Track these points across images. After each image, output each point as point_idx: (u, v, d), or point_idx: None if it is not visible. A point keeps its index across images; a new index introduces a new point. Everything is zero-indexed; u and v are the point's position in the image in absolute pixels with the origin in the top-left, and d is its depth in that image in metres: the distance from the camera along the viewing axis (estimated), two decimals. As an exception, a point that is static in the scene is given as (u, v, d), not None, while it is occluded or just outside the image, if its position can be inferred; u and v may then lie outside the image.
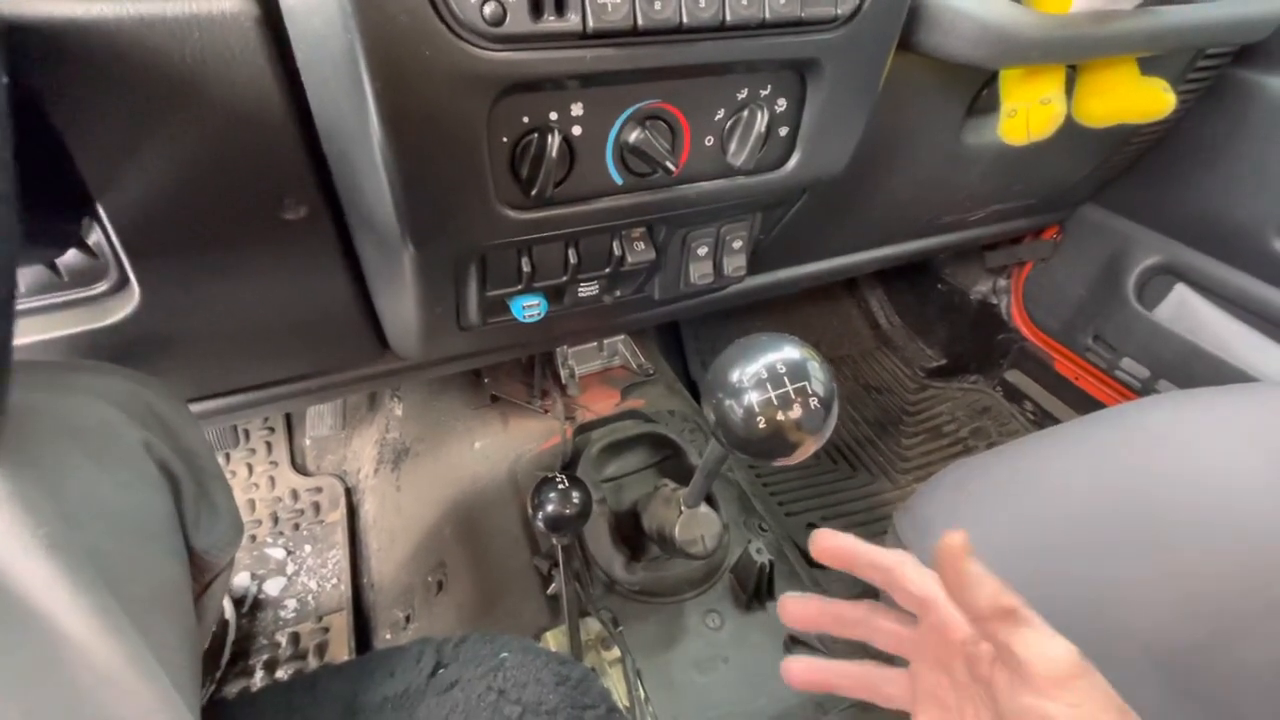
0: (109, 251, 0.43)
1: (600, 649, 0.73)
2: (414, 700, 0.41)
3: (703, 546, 0.66)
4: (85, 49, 0.33)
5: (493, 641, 0.44)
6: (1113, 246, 1.03)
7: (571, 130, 0.42)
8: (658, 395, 1.08)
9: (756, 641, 0.76)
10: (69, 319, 0.46)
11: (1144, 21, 0.55)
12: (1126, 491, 0.51)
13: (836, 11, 0.42)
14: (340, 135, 0.39)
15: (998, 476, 0.59)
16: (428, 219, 0.42)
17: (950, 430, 1.25)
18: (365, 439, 1.10)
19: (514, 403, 1.05)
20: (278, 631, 0.87)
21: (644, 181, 0.47)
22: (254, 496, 1.02)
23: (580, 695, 0.41)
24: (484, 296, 0.53)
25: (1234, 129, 0.82)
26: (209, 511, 0.43)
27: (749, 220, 0.60)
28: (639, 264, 0.55)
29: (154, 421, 0.40)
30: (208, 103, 0.37)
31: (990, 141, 0.71)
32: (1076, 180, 0.94)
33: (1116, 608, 0.46)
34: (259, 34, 0.36)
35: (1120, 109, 0.61)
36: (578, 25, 0.36)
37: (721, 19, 0.39)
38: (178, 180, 0.40)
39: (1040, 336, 1.20)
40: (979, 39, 0.50)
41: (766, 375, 0.36)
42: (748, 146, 0.47)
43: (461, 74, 0.35)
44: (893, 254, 0.95)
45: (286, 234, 0.46)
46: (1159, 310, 0.99)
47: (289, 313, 0.55)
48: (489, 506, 0.91)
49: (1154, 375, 1.01)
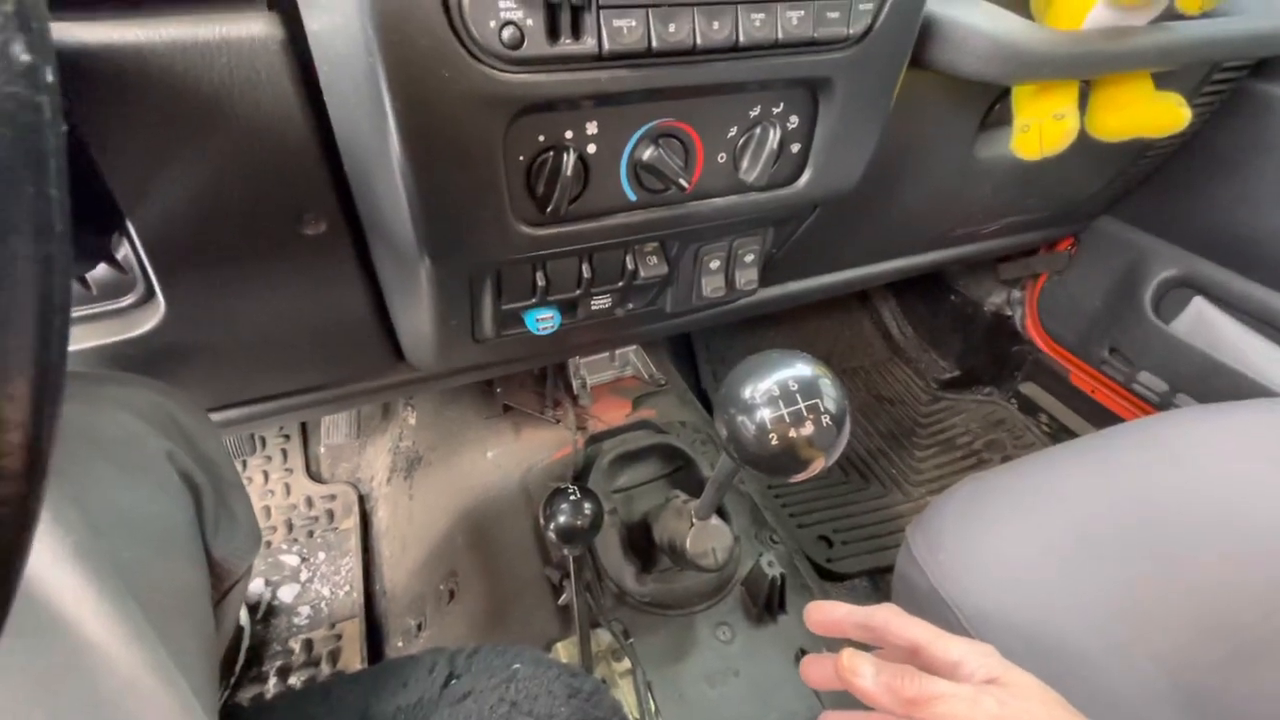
0: (136, 266, 0.44)
1: (611, 660, 0.73)
2: (427, 711, 0.41)
3: (714, 559, 0.65)
4: (119, 73, 0.34)
5: (505, 653, 0.44)
6: (1129, 259, 1.03)
7: (586, 148, 0.42)
8: (669, 406, 1.08)
9: (768, 655, 0.75)
10: (97, 331, 0.47)
11: (1157, 37, 0.55)
12: (1144, 508, 0.50)
13: (849, 31, 0.43)
14: (360, 153, 0.40)
15: (1013, 491, 0.58)
16: (445, 235, 0.42)
17: (964, 443, 1.24)
18: (379, 447, 1.11)
19: (526, 412, 1.05)
20: (291, 638, 0.87)
21: (657, 198, 0.47)
22: (269, 503, 1.04)
23: (592, 708, 0.42)
24: (499, 309, 0.54)
25: (1252, 141, 0.82)
26: (228, 520, 0.44)
27: (761, 235, 0.60)
28: (651, 278, 0.55)
29: (176, 431, 0.41)
30: (234, 123, 0.38)
31: (1003, 155, 0.71)
32: (1091, 193, 0.93)
33: (1133, 626, 0.45)
34: (284, 56, 0.37)
35: (1134, 124, 0.61)
36: (594, 48, 0.36)
37: (735, 40, 0.39)
38: (203, 197, 0.41)
39: (1055, 349, 1.19)
40: (991, 56, 0.50)
41: (779, 392, 0.36)
42: (760, 163, 0.47)
43: (480, 95, 0.36)
44: (905, 266, 0.95)
45: (306, 249, 0.47)
46: (1176, 323, 0.98)
47: (307, 325, 0.56)
48: (501, 516, 0.92)
49: (1172, 389, 1.00)
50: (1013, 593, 0.49)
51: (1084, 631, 0.46)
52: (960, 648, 0.36)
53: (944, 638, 0.37)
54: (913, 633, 0.38)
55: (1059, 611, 0.47)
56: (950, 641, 0.36)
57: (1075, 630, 0.46)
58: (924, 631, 0.37)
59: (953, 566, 0.52)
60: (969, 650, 0.35)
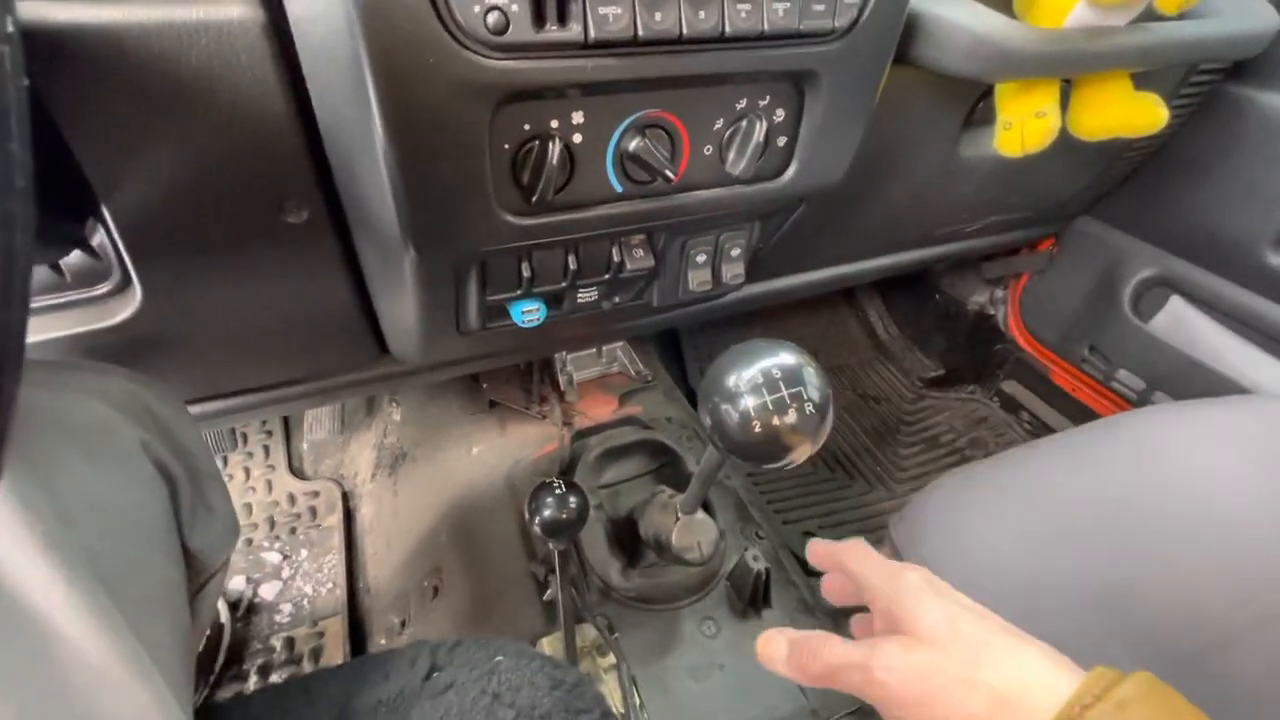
0: (112, 253, 0.44)
1: (596, 655, 0.73)
2: (408, 703, 0.41)
3: (699, 553, 0.66)
4: (93, 54, 0.33)
5: (487, 645, 0.44)
6: (1108, 259, 1.04)
7: (572, 138, 0.42)
8: (656, 402, 1.08)
9: (752, 649, 0.75)
10: (71, 319, 0.46)
11: (1137, 37, 0.56)
12: (1120, 501, 0.51)
13: (834, 24, 0.43)
14: (343, 140, 0.40)
15: (992, 485, 0.59)
16: (429, 223, 0.42)
17: (948, 440, 1.25)
18: (363, 443, 1.10)
19: (512, 408, 1.05)
20: (273, 636, 0.86)
21: (643, 189, 0.47)
22: (251, 500, 1.02)
23: (575, 700, 0.41)
24: (484, 301, 0.53)
25: (1227, 144, 0.83)
26: (205, 512, 0.43)
27: (747, 229, 0.60)
28: (638, 271, 0.55)
29: (151, 421, 0.40)
30: (213, 107, 0.37)
31: (987, 154, 0.71)
32: (1072, 193, 0.95)
33: (1110, 614, 0.46)
34: (265, 41, 0.36)
35: (1114, 123, 0.62)
36: (579, 35, 0.36)
37: (721, 30, 0.39)
38: (181, 183, 0.40)
39: (1037, 347, 1.21)
40: (973, 53, 0.50)
41: (762, 380, 0.36)
42: (746, 156, 0.47)
43: (464, 81, 0.36)
44: (890, 264, 0.96)
45: (288, 237, 0.46)
46: (1154, 322, 1.00)
47: (289, 316, 0.55)
48: (486, 512, 0.91)
49: (1150, 387, 1.02)
50: (992, 583, 0.50)
51: (1060, 621, 0.47)
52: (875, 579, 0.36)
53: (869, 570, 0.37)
54: (851, 568, 0.38)
55: (1037, 602, 0.48)
56: (870, 573, 0.37)
57: (1052, 620, 0.47)
58: (858, 566, 0.38)
59: (933, 558, 0.53)
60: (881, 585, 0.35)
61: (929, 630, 0.32)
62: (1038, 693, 0.28)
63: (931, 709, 0.30)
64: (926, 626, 0.32)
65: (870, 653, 0.32)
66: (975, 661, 0.30)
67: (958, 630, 0.31)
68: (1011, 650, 0.30)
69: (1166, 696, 0.27)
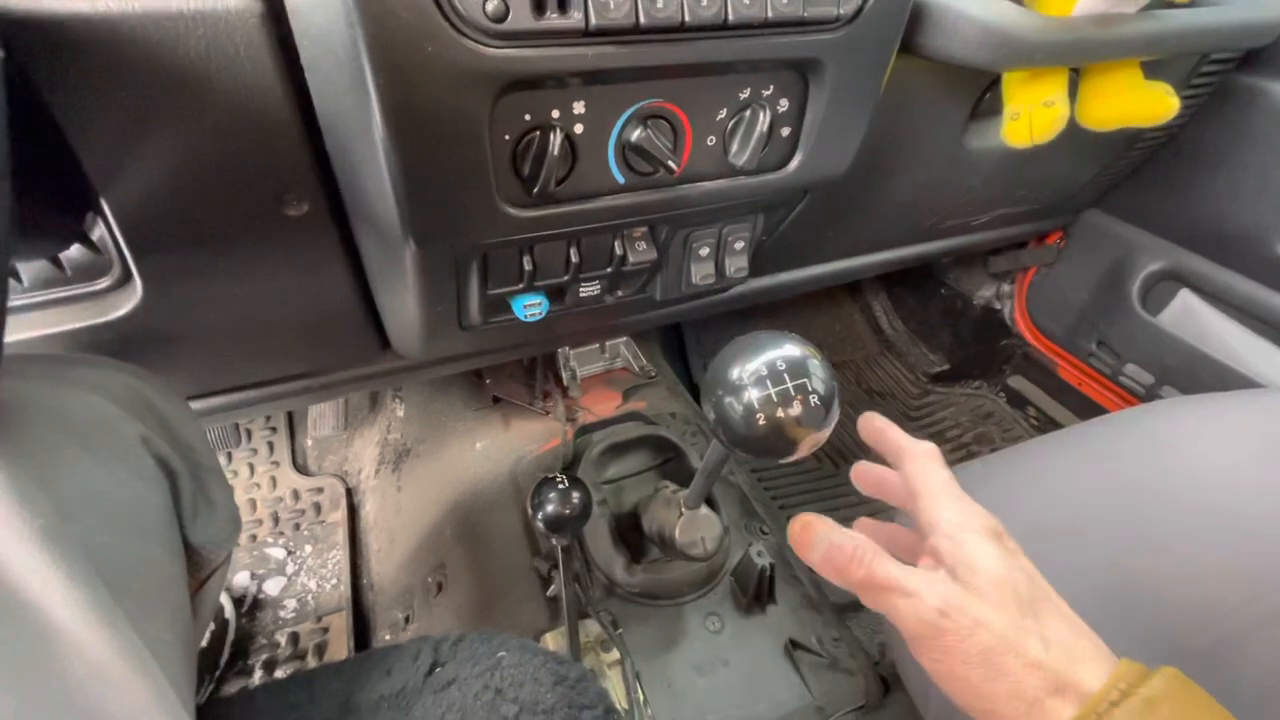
0: (112, 247, 0.43)
1: (599, 651, 0.73)
2: (410, 699, 0.40)
3: (703, 549, 0.65)
4: (90, 45, 0.33)
5: (490, 641, 0.44)
6: (1117, 252, 1.03)
7: (574, 128, 0.42)
8: (659, 398, 1.08)
9: (757, 645, 0.75)
10: (71, 314, 0.46)
11: (1147, 25, 0.55)
12: (1129, 496, 0.50)
13: (839, 11, 0.42)
14: (343, 131, 0.39)
15: (999, 480, 0.58)
16: (429, 216, 0.42)
17: (954, 435, 1.24)
18: (366, 439, 1.10)
19: (515, 404, 1.04)
20: (277, 631, 0.86)
21: (646, 180, 0.47)
22: (255, 496, 1.02)
23: (578, 695, 0.41)
24: (485, 295, 0.53)
25: (1238, 135, 0.82)
26: (206, 506, 0.43)
27: (751, 221, 0.60)
28: (641, 264, 0.55)
29: (151, 416, 0.40)
30: (211, 98, 0.37)
31: (994, 145, 0.71)
32: (1080, 185, 0.94)
33: (1119, 612, 0.45)
34: (263, 30, 0.36)
35: (1123, 113, 0.61)
36: (580, 23, 0.36)
37: (723, 17, 0.39)
38: (180, 175, 0.40)
39: (1044, 342, 1.20)
40: (981, 41, 0.49)
41: (766, 372, 0.35)
42: (749, 146, 0.47)
43: (464, 70, 0.35)
44: (896, 258, 0.95)
45: (288, 230, 0.46)
46: (1163, 316, 0.99)
47: (290, 310, 0.55)
48: (489, 508, 0.91)
49: (1158, 381, 1.01)
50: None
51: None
52: (947, 513, 0.33)
53: (940, 497, 0.34)
54: (916, 481, 0.35)
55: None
56: (941, 504, 0.33)
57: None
58: (925, 482, 0.35)
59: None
60: (950, 521, 0.33)
61: (991, 589, 0.30)
62: (1084, 684, 0.27)
63: (984, 671, 0.28)
64: (987, 583, 0.30)
65: (927, 587, 0.30)
66: (1043, 643, 0.29)
67: (1021, 600, 0.30)
68: (1070, 633, 0.30)
69: (1194, 694, 0.27)
